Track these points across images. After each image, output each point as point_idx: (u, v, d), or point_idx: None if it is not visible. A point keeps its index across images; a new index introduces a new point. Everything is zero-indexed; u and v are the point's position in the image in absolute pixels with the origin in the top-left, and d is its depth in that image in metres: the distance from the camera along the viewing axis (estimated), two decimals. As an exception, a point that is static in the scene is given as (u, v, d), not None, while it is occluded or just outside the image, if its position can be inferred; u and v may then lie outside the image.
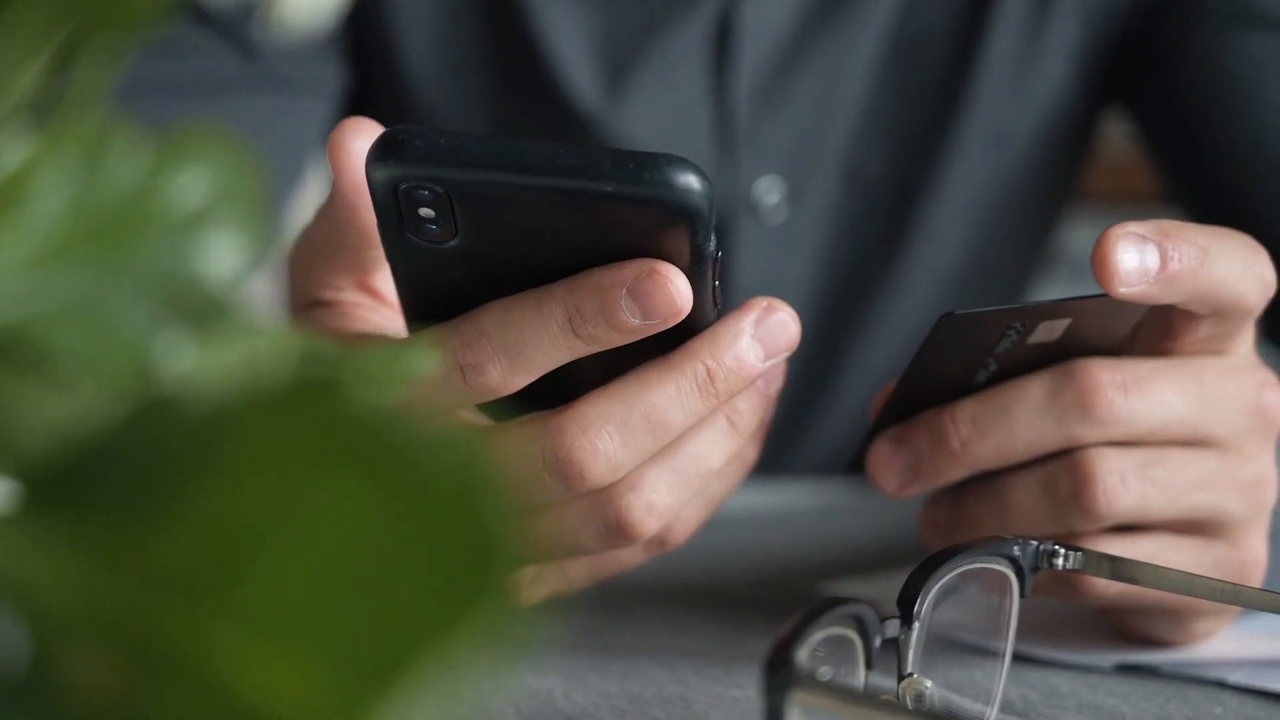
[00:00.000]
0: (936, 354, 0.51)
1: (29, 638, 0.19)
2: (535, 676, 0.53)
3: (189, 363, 0.24)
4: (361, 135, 0.47)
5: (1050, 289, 0.92)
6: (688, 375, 0.46)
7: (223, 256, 0.25)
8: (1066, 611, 0.58)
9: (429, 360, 0.24)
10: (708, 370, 0.46)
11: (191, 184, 0.25)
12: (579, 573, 0.53)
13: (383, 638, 0.16)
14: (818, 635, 0.37)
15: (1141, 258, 0.47)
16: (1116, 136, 1.09)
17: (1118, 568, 0.47)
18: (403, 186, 0.42)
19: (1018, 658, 0.55)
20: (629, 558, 0.52)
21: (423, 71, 0.89)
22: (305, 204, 0.85)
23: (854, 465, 0.55)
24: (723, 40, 0.89)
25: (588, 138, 0.87)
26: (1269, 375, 0.53)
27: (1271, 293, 0.51)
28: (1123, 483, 0.50)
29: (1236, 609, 0.55)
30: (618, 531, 0.47)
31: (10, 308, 0.22)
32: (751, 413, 0.49)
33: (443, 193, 0.42)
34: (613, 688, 0.52)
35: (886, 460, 0.53)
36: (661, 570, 0.65)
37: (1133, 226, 0.48)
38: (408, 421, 0.19)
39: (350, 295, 0.50)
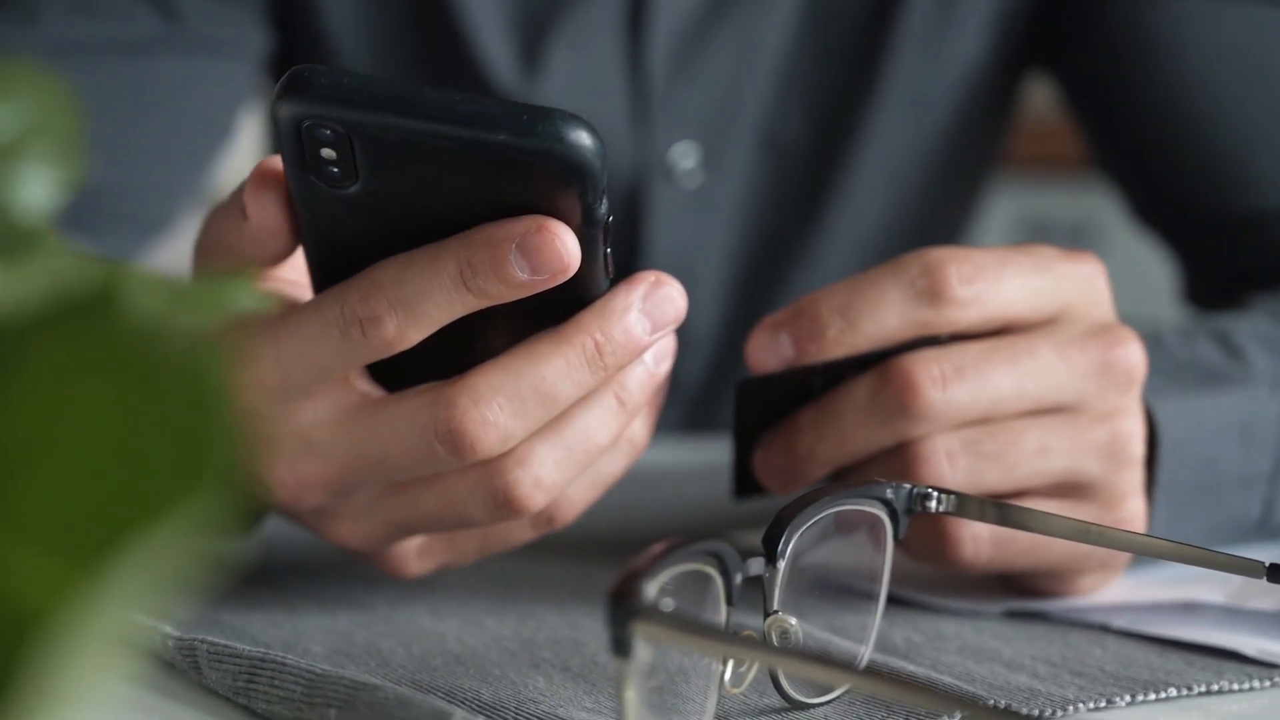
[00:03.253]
0: (755, 407, 0.55)
1: None
2: (432, 619, 0.54)
3: (-4, 289, 0.25)
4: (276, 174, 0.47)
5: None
6: (576, 348, 0.47)
7: (34, 188, 0.26)
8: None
9: (252, 294, 0.25)
10: (596, 344, 0.47)
11: (3, 118, 0.25)
12: (468, 546, 0.54)
13: (105, 527, 0.17)
14: (673, 570, 0.38)
15: (776, 345, 0.53)
16: (1041, 100, 1.10)
17: (990, 511, 0.48)
18: (305, 124, 0.43)
19: (910, 603, 0.56)
20: (518, 534, 0.53)
21: (345, 38, 0.89)
22: (234, 166, 0.86)
23: (740, 489, 0.58)
24: (637, 8, 0.89)
25: None
26: (1121, 333, 0.54)
27: (990, 295, 0.52)
28: (950, 461, 0.52)
29: (1123, 562, 0.57)
30: (505, 505, 0.48)
31: None
32: (640, 391, 0.50)
33: (343, 133, 0.43)
34: (506, 630, 0.53)
35: (765, 464, 0.56)
36: (574, 523, 0.66)
37: (770, 318, 0.54)
38: (167, 336, 0.20)
39: None
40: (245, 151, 0.96)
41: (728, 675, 0.41)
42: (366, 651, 0.50)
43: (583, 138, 0.43)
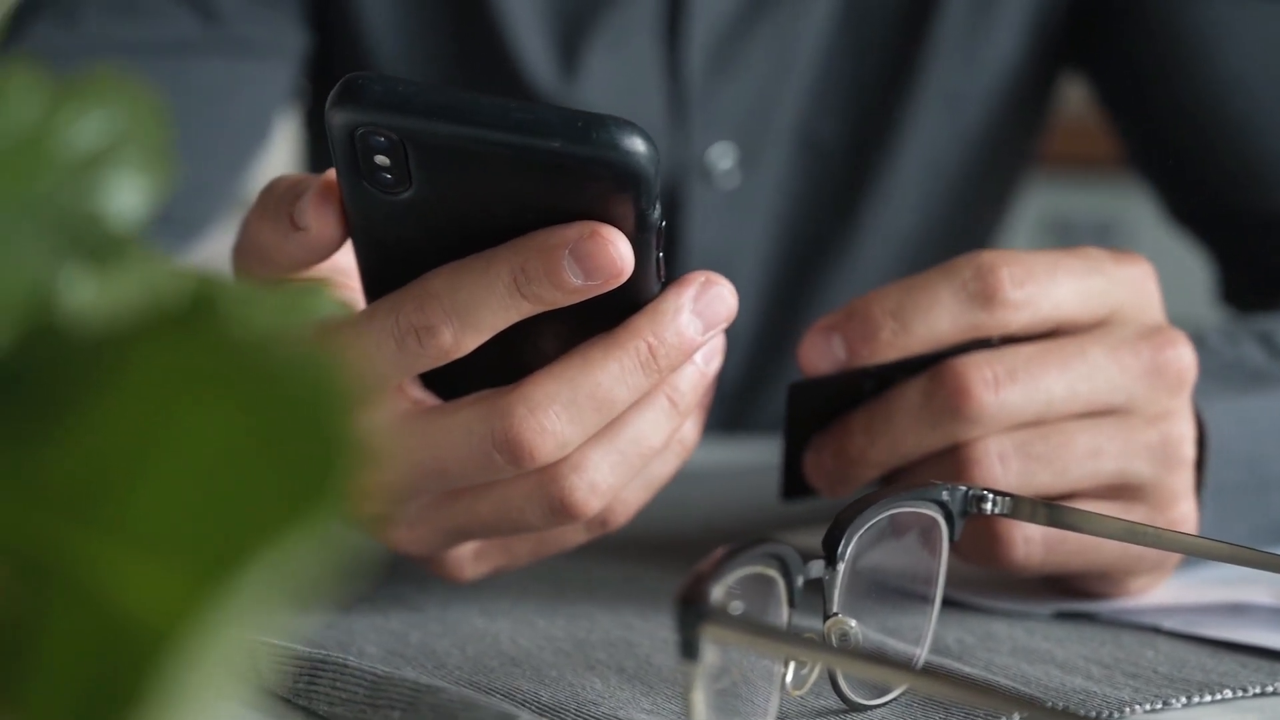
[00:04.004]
0: (806, 409, 0.56)
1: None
2: (484, 620, 0.54)
3: (89, 296, 0.25)
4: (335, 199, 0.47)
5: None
6: (630, 353, 0.47)
7: (123, 196, 0.26)
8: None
9: (329, 302, 0.25)
10: (649, 347, 0.47)
11: (94, 126, 0.26)
12: (522, 550, 0.54)
13: (227, 540, 0.17)
14: (737, 573, 0.38)
15: (828, 347, 0.54)
16: (1075, 99, 1.10)
17: (1043, 512, 0.48)
18: (359, 132, 0.43)
19: (960, 605, 0.56)
20: (572, 537, 0.54)
21: (382, 39, 0.90)
22: (271, 168, 0.86)
23: (788, 491, 0.58)
24: (675, 9, 0.90)
25: None
26: (1173, 335, 0.54)
27: (1039, 297, 0.53)
28: (1002, 463, 0.52)
29: (1173, 563, 0.57)
30: (561, 511, 0.48)
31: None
32: (692, 391, 0.50)
33: (397, 140, 0.43)
34: (559, 631, 0.53)
35: (815, 466, 0.56)
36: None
37: (823, 320, 0.54)
38: (276, 345, 0.20)
39: None
40: (282, 153, 0.96)
41: (789, 677, 0.42)
42: (422, 653, 0.50)
43: (637, 144, 0.43)
